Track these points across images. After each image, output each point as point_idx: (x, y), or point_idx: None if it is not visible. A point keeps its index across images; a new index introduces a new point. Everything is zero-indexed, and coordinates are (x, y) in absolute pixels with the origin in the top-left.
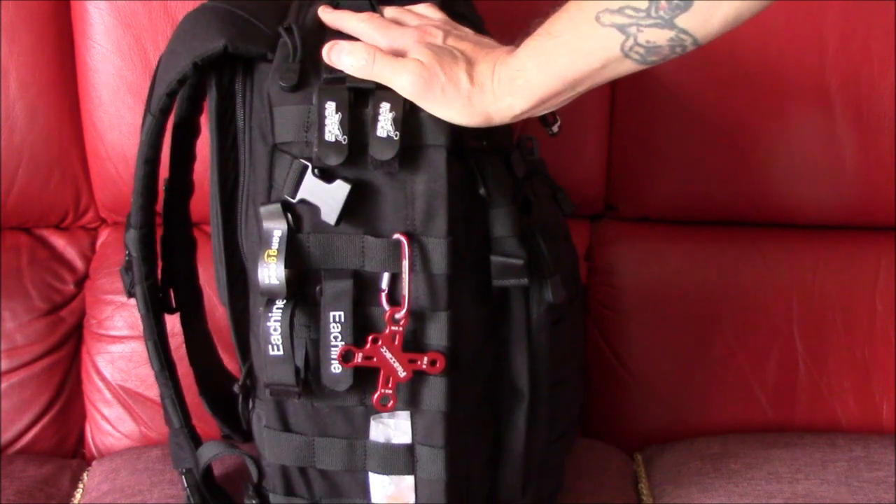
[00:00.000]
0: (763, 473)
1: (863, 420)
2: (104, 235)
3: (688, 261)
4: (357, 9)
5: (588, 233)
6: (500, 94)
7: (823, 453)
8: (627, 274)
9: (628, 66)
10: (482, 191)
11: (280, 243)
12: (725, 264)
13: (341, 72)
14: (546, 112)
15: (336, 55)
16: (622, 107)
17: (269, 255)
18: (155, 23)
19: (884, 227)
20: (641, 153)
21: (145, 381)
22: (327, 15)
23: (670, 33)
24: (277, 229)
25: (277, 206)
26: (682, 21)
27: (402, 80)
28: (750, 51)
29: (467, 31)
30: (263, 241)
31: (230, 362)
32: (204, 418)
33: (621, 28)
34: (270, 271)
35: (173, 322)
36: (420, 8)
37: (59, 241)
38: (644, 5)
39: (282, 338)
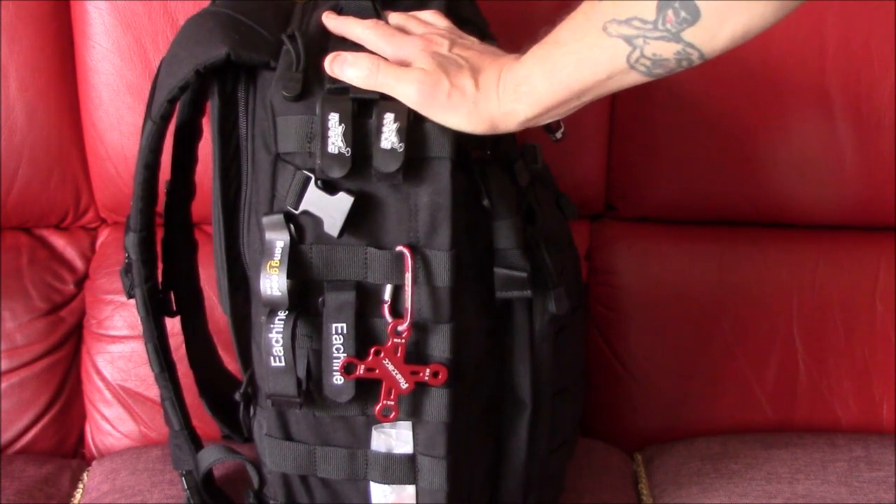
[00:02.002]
0: (763, 473)
1: (863, 420)
2: (104, 235)
3: (688, 261)
4: (361, 14)
5: (588, 233)
6: (505, 100)
7: (823, 453)
8: (627, 274)
9: (634, 78)
10: (486, 202)
11: (282, 254)
12: (725, 264)
13: (344, 81)
14: (551, 120)
15: (339, 67)
16: (622, 107)
17: (271, 266)
18: (155, 23)
19: (884, 227)
20: (641, 153)
21: (145, 381)
22: (331, 21)
23: (677, 47)
24: (280, 240)
25: (280, 217)
26: (689, 35)
27: (407, 89)
28: (750, 51)
29: (473, 39)
30: (266, 251)
31: (230, 363)
32: (204, 418)
33: (628, 39)
34: (272, 282)
35: (173, 323)
36: (425, 15)
37: (59, 241)
38: (651, 17)
39: (283, 349)
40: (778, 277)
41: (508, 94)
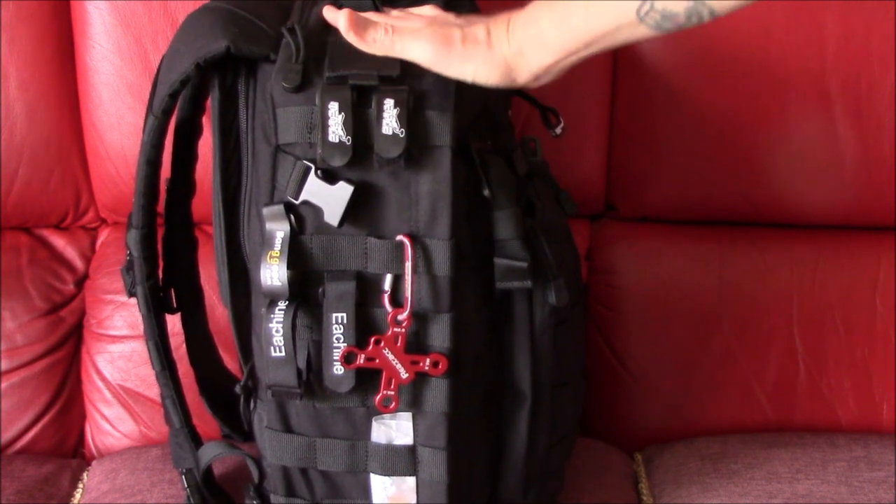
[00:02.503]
0: (763, 473)
1: (863, 420)
2: (104, 235)
3: (688, 261)
4: (360, 8)
5: (588, 233)
6: (515, 42)
7: (823, 453)
8: (627, 274)
9: (643, 32)
10: (486, 192)
11: (283, 244)
12: (725, 264)
13: (344, 69)
14: (565, 67)
15: (356, 31)
16: (622, 107)
17: (271, 257)
18: (155, 23)
19: (884, 227)
20: (641, 153)
21: (145, 380)
22: (331, 14)
23: (688, 3)
24: (280, 230)
25: (280, 208)
26: None
27: (422, 46)
28: (750, 51)
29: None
30: (266, 242)
31: (230, 362)
32: (204, 417)
33: None
34: (273, 272)
35: (173, 322)
36: (424, 10)
37: (59, 241)
38: None
39: (284, 339)
40: (778, 277)
41: (518, 35)
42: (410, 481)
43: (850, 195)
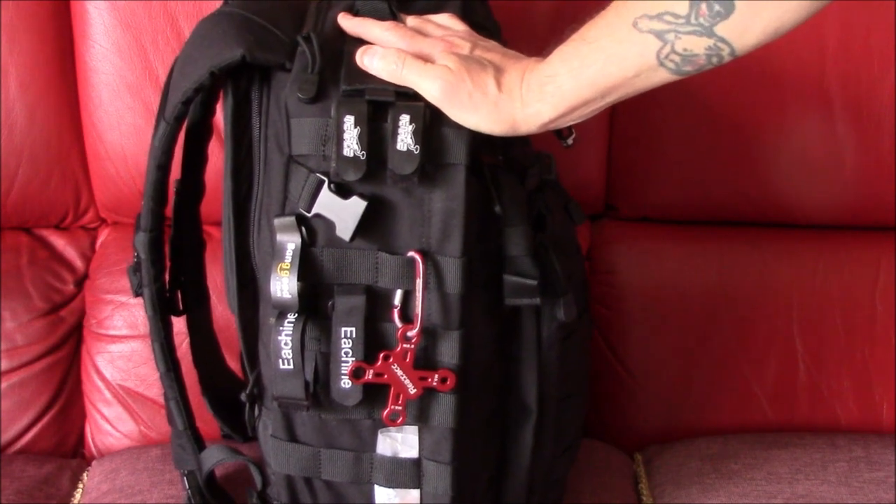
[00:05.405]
0: (763, 473)
1: (863, 420)
2: (104, 235)
3: (688, 261)
4: (377, 15)
5: (588, 233)
6: (529, 100)
7: (823, 453)
8: (627, 274)
9: (662, 76)
10: (497, 209)
11: (293, 257)
12: (725, 264)
13: (360, 82)
14: (572, 122)
15: (369, 59)
16: (622, 107)
17: (282, 269)
18: (155, 23)
19: (884, 227)
20: (641, 153)
21: (145, 380)
22: (348, 22)
23: (708, 41)
24: (291, 242)
25: (292, 220)
26: (721, 29)
27: (430, 85)
28: None
29: (493, 42)
30: (277, 253)
31: (232, 362)
32: (204, 418)
33: (659, 34)
34: (283, 285)
35: (176, 322)
36: (441, 18)
37: (59, 241)
38: (684, 11)
39: (292, 352)
40: (778, 277)
41: (532, 93)
42: (414, 494)
43: (850, 195)
